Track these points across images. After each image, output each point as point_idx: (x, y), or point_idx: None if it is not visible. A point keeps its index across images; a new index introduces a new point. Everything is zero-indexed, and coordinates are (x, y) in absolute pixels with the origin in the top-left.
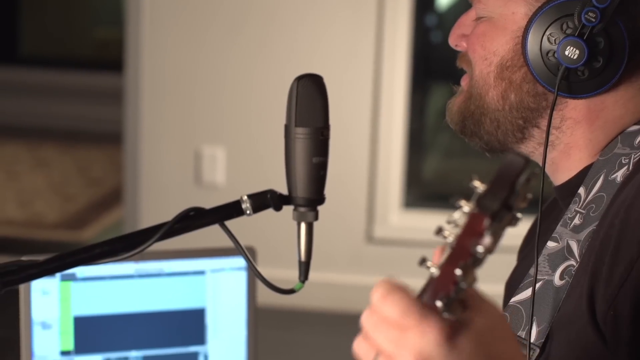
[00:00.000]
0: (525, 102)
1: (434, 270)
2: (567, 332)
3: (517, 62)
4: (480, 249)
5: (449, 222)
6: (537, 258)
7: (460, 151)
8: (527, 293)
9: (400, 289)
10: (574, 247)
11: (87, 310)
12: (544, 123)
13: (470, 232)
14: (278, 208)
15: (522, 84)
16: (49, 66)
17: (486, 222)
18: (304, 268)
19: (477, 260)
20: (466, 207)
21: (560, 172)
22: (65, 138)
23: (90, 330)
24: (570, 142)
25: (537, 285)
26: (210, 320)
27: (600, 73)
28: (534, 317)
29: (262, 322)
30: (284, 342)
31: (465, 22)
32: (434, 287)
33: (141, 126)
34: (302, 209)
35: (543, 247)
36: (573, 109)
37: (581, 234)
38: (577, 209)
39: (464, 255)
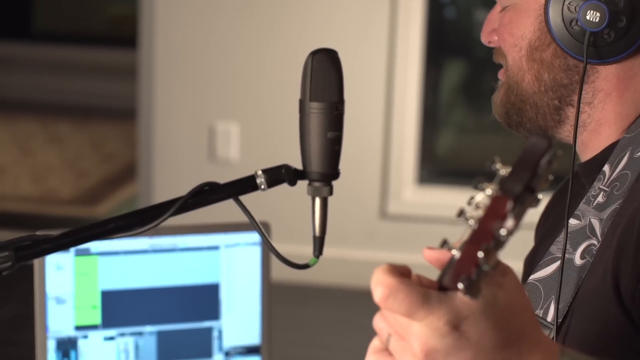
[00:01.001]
0: (558, 79)
1: (455, 252)
2: (587, 309)
3: (545, 40)
4: (503, 231)
5: (469, 203)
6: (566, 236)
7: (474, 127)
8: (546, 271)
9: (400, 288)
10: (597, 225)
11: (102, 285)
12: (577, 100)
13: (493, 215)
14: (292, 183)
15: (553, 61)
16: (62, 42)
17: (509, 205)
18: (319, 243)
19: (499, 243)
20: (489, 189)
21: (589, 150)
22: (79, 114)
23: (104, 306)
24: (600, 118)
25: (557, 264)
26: (224, 296)
27: (626, 32)
28: (552, 297)
29: (275, 298)
30: (297, 317)
31: (493, 17)
32: (455, 269)
33: (155, 102)
34: (316, 184)
35: (564, 224)
36: (604, 80)
37: (604, 212)
38: (601, 186)
39: (486, 237)
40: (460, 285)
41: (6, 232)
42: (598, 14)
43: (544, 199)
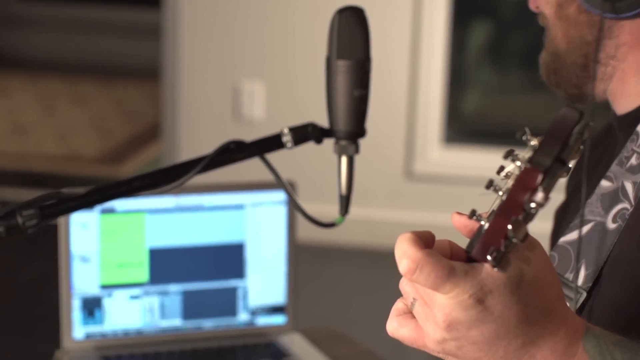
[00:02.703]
0: (584, 35)
1: (484, 223)
2: (620, 274)
3: None
4: (532, 204)
5: (499, 174)
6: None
7: (500, 88)
8: (576, 234)
9: (425, 261)
10: (629, 188)
11: (128, 243)
12: (602, 55)
13: (522, 187)
14: (319, 141)
15: (578, 17)
16: (87, 1)
17: (539, 178)
18: (345, 202)
19: (529, 216)
20: (519, 161)
21: (619, 99)
22: (104, 73)
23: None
24: (625, 68)
25: (588, 227)
26: (249, 255)
27: None
28: (583, 260)
29: (300, 258)
30: (322, 277)
31: None
32: (483, 240)
33: (180, 61)
34: (343, 142)
35: (595, 183)
36: (628, 33)
37: (637, 175)
38: (634, 148)
39: (515, 210)
40: (489, 257)
41: (31, 191)
42: None
43: None
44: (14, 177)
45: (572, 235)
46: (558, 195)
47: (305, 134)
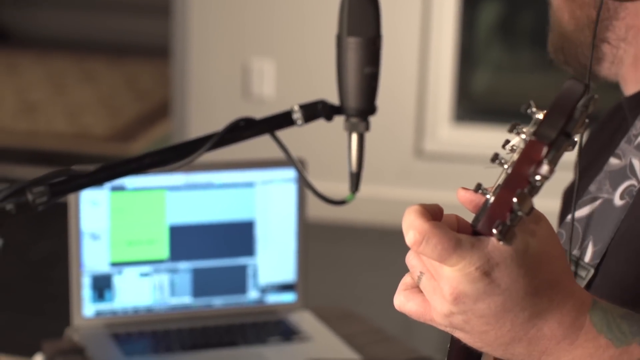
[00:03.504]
0: (591, 16)
1: (489, 197)
2: (627, 251)
3: None
4: (537, 177)
5: (504, 147)
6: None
7: (510, 66)
8: (584, 211)
9: (432, 232)
10: (637, 165)
11: (138, 221)
12: (612, 36)
13: (527, 160)
14: (329, 118)
15: None
16: None
17: (544, 150)
18: (355, 179)
19: (534, 189)
20: (524, 134)
21: (630, 83)
22: (114, 51)
23: (139, 241)
24: (637, 53)
25: (595, 204)
26: (259, 233)
27: None
28: (590, 237)
29: (310, 236)
30: (331, 255)
31: None
32: (489, 213)
33: (189, 39)
34: (353, 119)
35: (604, 162)
36: (635, 16)
37: None
38: None
39: (521, 182)
40: (495, 231)
41: (40, 169)
42: None
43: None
44: (23, 155)
45: (580, 213)
46: (567, 175)
47: (315, 111)
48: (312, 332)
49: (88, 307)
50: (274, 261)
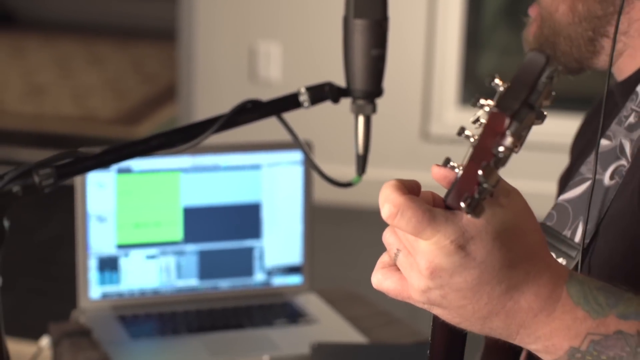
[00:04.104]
0: (592, 10)
1: (458, 171)
2: (615, 229)
3: None
4: (501, 149)
5: (473, 122)
6: (597, 157)
7: (517, 49)
8: (575, 191)
9: (407, 205)
10: (627, 146)
11: (144, 203)
12: (612, 31)
13: (491, 133)
14: (336, 100)
15: None
16: None
17: (507, 122)
18: (361, 161)
19: (499, 161)
20: (487, 106)
21: (624, 72)
22: (120, 34)
23: (146, 224)
24: (637, 45)
25: (585, 185)
26: (266, 215)
27: None
28: (581, 217)
29: (316, 218)
30: (338, 238)
31: None
32: (457, 187)
33: (196, 22)
34: (360, 102)
35: (596, 144)
36: (638, 10)
37: (635, 133)
38: (633, 107)
39: (485, 155)
40: (463, 204)
41: (47, 151)
42: None
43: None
44: (30, 138)
45: (570, 194)
46: (564, 158)
47: (322, 93)
48: (318, 315)
49: (94, 289)
50: (280, 243)
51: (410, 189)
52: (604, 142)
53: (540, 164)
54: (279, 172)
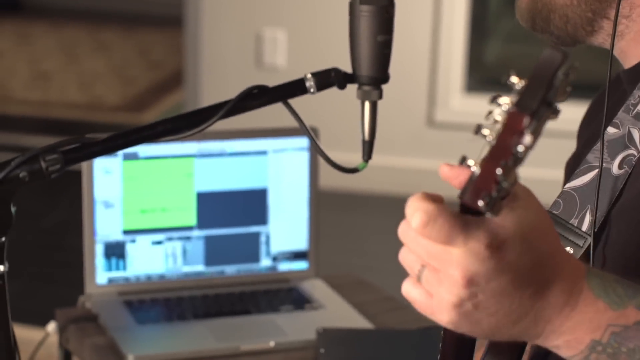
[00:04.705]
0: None
1: (475, 169)
2: (628, 220)
3: None
4: (520, 148)
5: (487, 119)
6: (603, 145)
7: (522, 35)
8: (582, 180)
9: (439, 213)
10: (636, 135)
11: (151, 189)
12: (612, 13)
13: (510, 131)
14: (342, 86)
15: None
16: None
17: (526, 121)
18: (367, 147)
19: (518, 160)
20: (505, 105)
21: (630, 57)
22: (126, 21)
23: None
24: (639, 30)
25: (593, 173)
26: (272, 201)
27: None
28: (588, 206)
29: (322, 204)
30: (343, 224)
31: None
32: (475, 186)
33: (202, 8)
34: (366, 88)
35: (601, 134)
36: None
37: None
38: None
39: (504, 154)
40: (480, 203)
41: (53, 138)
42: None
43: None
44: (36, 124)
45: (577, 182)
46: (571, 144)
47: (328, 79)
48: (324, 300)
49: (101, 275)
50: (287, 229)
51: (436, 199)
52: (611, 130)
53: (548, 150)
54: (285, 158)
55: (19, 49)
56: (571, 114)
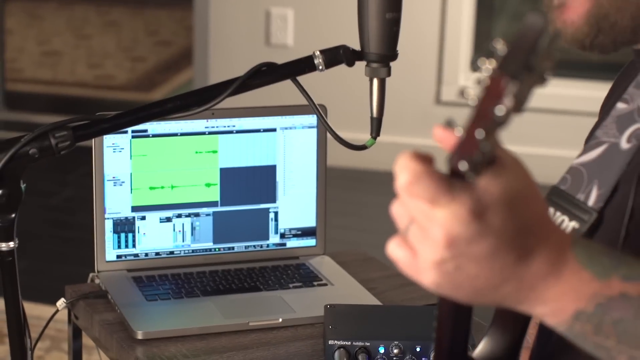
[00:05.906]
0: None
1: (460, 133)
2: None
3: None
4: (500, 110)
5: (476, 84)
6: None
7: None
8: (590, 155)
9: (425, 173)
10: None
11: (159, 166)
12: None
13: (490, 94)
14: (351, 63)
15: None
16: None
17: (504, 82)
18: (376, 124)
19: (498, 123)
20: (487, 69)
21: None
22: (135, 0)
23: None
24: None
25: (601, 148)
26: (280, 178)
27: None
28: (595, 181)
29: (330, 182)
30: (351, 202)
31: None
32: (458, 149)
33: None
34: (374, 65)
35: (611, 107)
36: None
37: None
38: None
39: (485, 117)
40: (462, 165)
41: (62, 116)
42: None
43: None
44: (46, 102)
45: (585, 157)
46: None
47: (336, 56)
48: (332, 277)
49: (110, 251)
50: (295, 206)
51: (425, 160)
52: (620, 105)
53: (576, 130)
54: (294, 136)
55: (28, 29)
56: (588, 92)
